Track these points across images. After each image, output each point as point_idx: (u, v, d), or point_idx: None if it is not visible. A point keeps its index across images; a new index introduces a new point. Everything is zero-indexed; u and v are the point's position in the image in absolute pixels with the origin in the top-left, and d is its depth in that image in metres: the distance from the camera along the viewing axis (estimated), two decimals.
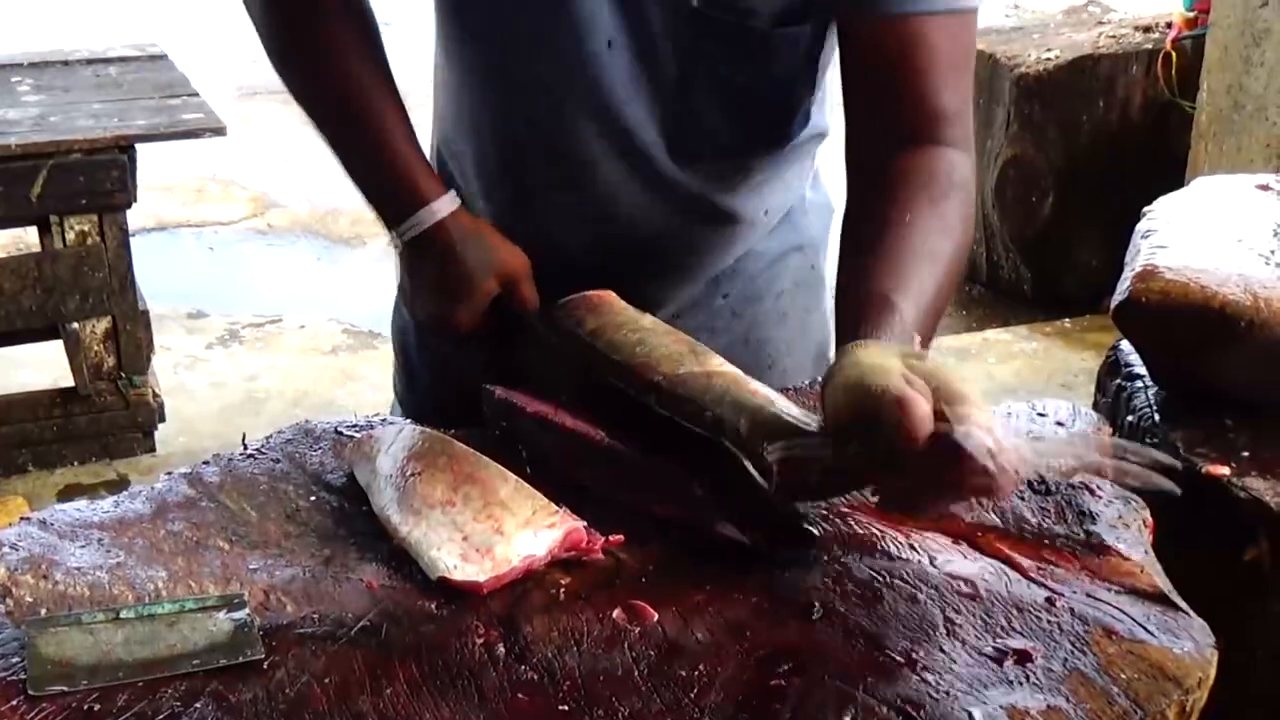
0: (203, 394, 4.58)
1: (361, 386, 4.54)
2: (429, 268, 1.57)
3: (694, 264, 1.67)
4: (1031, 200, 5.23)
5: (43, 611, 1.18)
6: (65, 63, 4.10)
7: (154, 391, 3.83)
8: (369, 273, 5.54)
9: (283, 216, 6.24)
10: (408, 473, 1.32)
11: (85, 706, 1.06)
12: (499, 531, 1.23)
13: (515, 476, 1.29)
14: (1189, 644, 1.18)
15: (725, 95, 1.54)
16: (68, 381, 3.87)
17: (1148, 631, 1.19)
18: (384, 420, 1.53)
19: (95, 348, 3.71)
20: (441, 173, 1.68)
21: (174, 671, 1.09)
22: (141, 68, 4.11)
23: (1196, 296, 1.56)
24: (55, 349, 3.94)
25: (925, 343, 1.31)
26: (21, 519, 1.35)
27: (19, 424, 3.72)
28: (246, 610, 1.16)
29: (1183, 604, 1.23)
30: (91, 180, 3.52)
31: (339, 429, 1.51)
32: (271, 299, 5.34)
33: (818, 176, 1.79)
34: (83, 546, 1.30)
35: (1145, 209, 1.82)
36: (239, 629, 1.14)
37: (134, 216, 6.06)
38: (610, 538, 1.27)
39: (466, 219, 1.57)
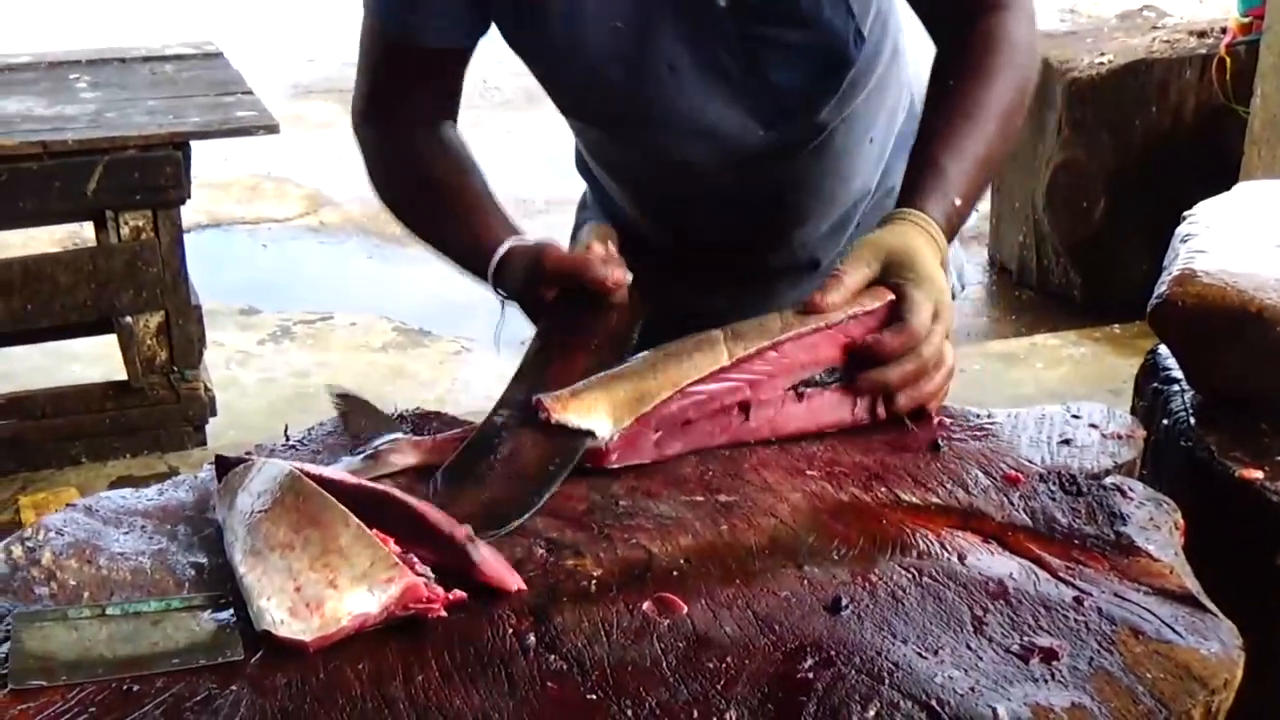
0: (254, 389, 4.63)
1: (411, 384, 4.58)
2: (510, 285, 1.67)
3: (823, 208, 1.83)
4: (1082, 205, 5.21)
5: (85, 596, 1.21)
6: (123, 60, 4.15)
7: (205, 385, 3.88)
8: (419, 271, 5.57)
9: (335, 214, 6.29)
10: (256, 510, 1.25)
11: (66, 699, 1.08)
12: (333, 585, 1.15)
13: (358, 522, 1.20)
14: (1216, 645, 1.18)
15: (790, 58, 1.67)
16: (121, 375, 3.92)
17: (1175, 632, 1.19)
18: (273, 450, 1.51)
19: (148, 342, 3.76)
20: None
21: (153, 670, 1.11)
22: (197, 66, 4.16)
23: (1233, 300, 1.56)
24: (109, 343, 3.99)
25: (970, 195, 1.59)
26: (68, 505, 1.38)
27: (72, 416, 3.78)
28: (230, 611, 1.18)
29: (1211, 606, 1.23)
30: (146, 176, 3.57)
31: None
32: (323, 296, 5.39)
33: (911, 110, 1.90)
34: (126, 533, 1.33)
35: (1186, 213, 1.82)
36: (221, 629, 1.16)
37: (189, 213, 6.14)
38: (453, 593, 1.19)
39: (519, 247, 1.66)
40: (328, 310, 5.22)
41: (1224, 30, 5.00)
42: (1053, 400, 1.58)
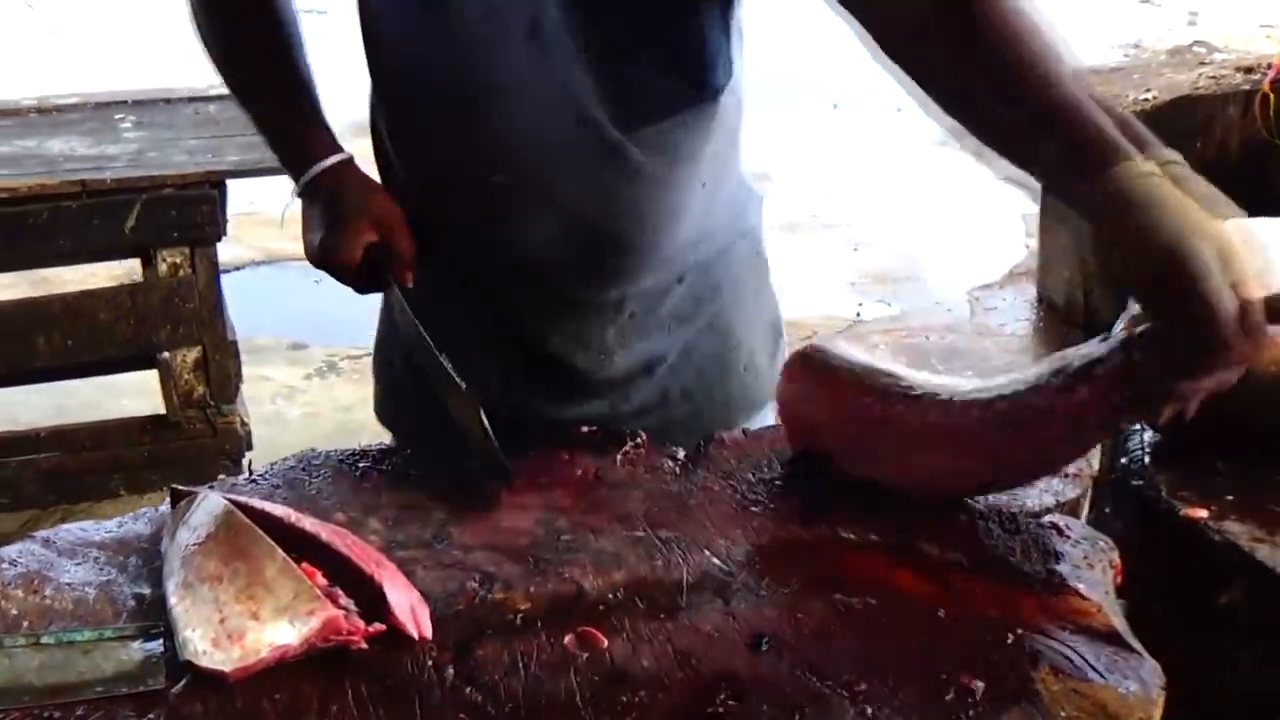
0: (297, 424, 4.69)
1: None
2: (317, 209, 1.70)
3: (647, 243, 1.71)
4: None
5: (25, 625, 1.25)
6: (168, 100, 4.22)
7: (241, 420, 3.93)
8: None
9: None
10: (190, 543, 1.28)
11: None
12: (255, 616, 1.18)
13: (284, 556, 1.23)
14: (1135, 685, 1.19)
15: (650, 51, 1.60)
16: (164, 409, 3.98)
17: (1095, 671, 1.20)
18: (234, 484, 1.54)
19: (185, 376, 3.82)
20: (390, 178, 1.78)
21: (77, 697, 1.14)
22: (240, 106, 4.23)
23: None
24: (155, 377, 4.06)
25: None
26: (28, 536, 1.42)
27: (112, 449, 3.84)
28: (160, 641, 1.21)
29: (1136, 645, 1.24)
30: (183, 214, 3.63)
31: (340, 458, 1.57)
32: (371, 332, 5.43)
33: (742, 166, 1.84)
34: (79, 564, 1.37)
35: None
36: (148, 659, 1.19)
37: (242, 250, 6.27)
38: (372, 626, 1.21)
39: (352, 172, 1.71)
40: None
41: (1269, 66, 4.96)
42: None
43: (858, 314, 5.66)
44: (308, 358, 5.25)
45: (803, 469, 1.50)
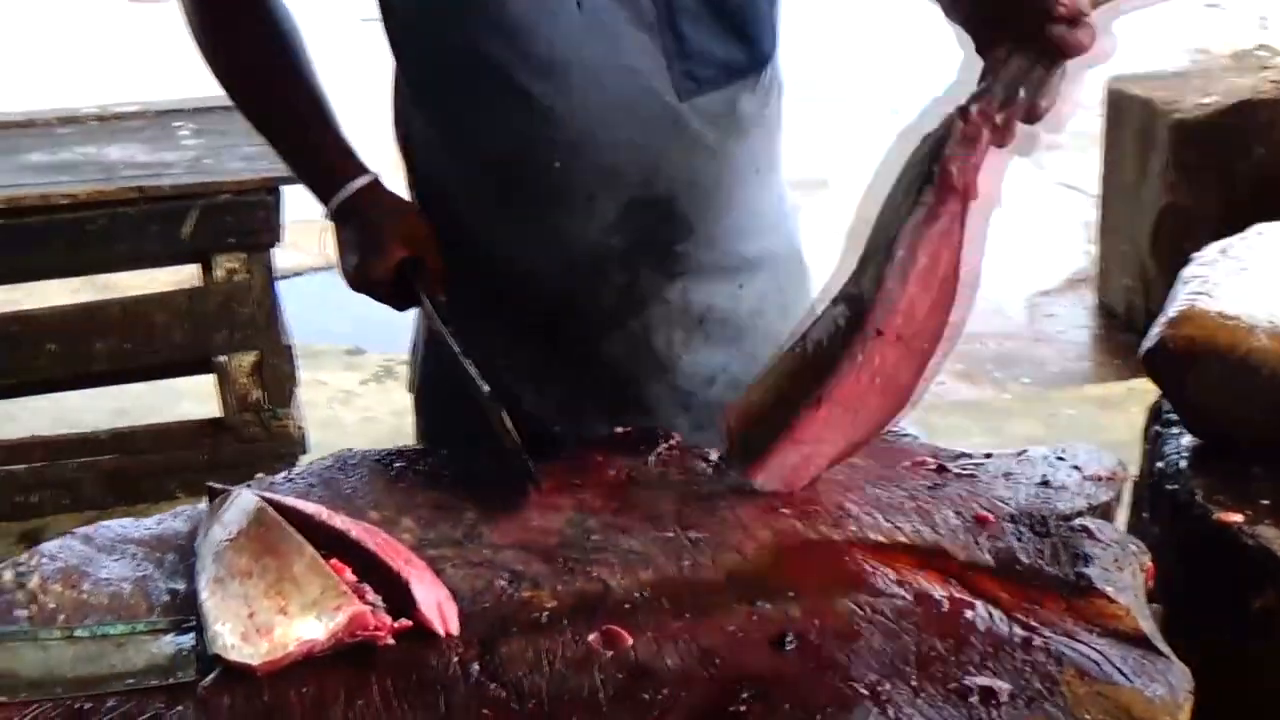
0: (353, 428, 4.72)
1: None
2: (350, 233, 1.73)
3: (704, 222, 1.71)
4: (1188, 248, 5.11)
5: (61, 618, 1.27)
6: (226, 108, 4.25)
7: (297, 423, 3.97)
8: None
9: None
10: (223, 540, 1.30)
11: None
12: (283, 611, 1.19)
13: (314, 552, 1.25)
14: (1162, 688, 1.18)
15: (704, 10, 1.62)
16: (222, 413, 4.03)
17: (1122, 674, 1.19)
18: (272, 483, 1.56)
19: (242, 380, 3.86)
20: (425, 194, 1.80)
21: (108, 689, 1.16)
22: None
23: (1223, 343, 1.55)
24: (213, 382, 4.11)
25: None
26: (69, 533, 1.45)
27: (170, 452, 3.89)
28: (192, 635, 1.23)
29: (1165, 649, 1.23)
30: (239, 220, 3.68)
31: (376, 458, 1.59)
32: None
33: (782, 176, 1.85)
34: (117, 560, 1.39)
35: (1195, 254, 1.81)
36: (179, 653, 1.21)
37: (301, 255, 6.31)
38: (398, 622, 1.23)
39: (383, 192, 1.74)
40: None
41: None
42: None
43: None
44: (364, 363, 5.30)
45: None
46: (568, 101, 1.62)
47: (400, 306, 1.76)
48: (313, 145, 1.76)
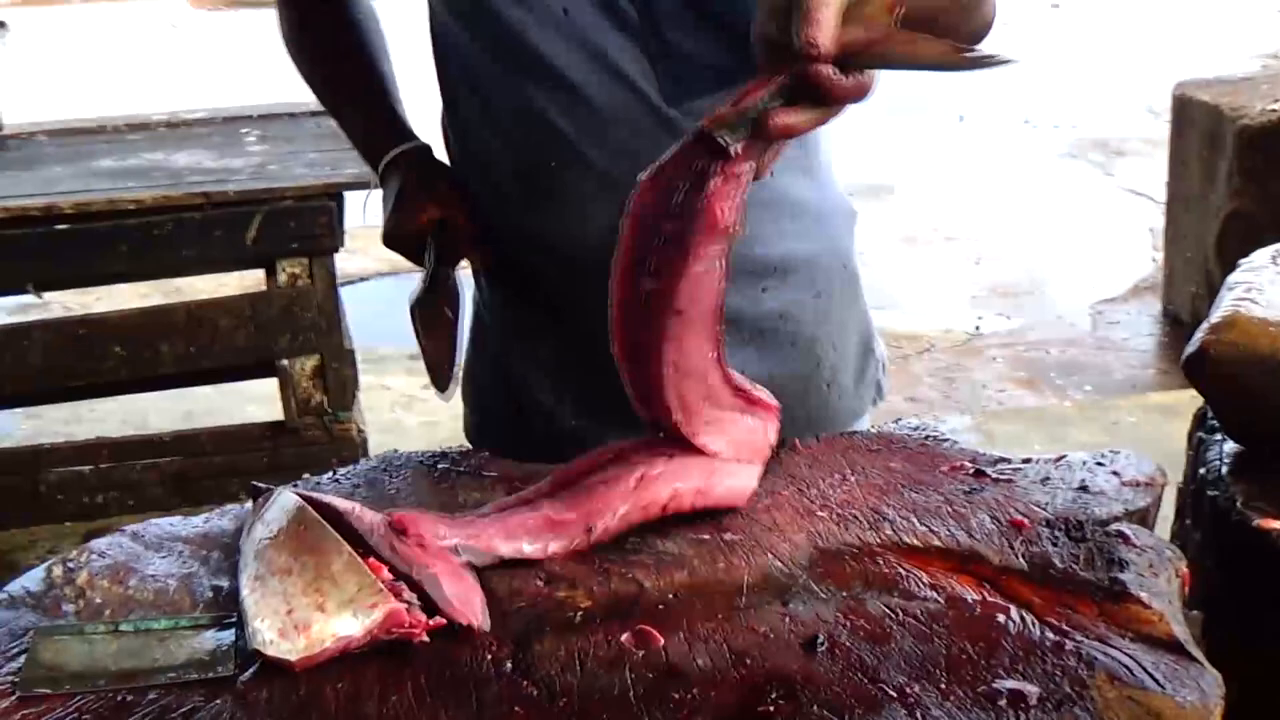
0: (415, 432, 4.77)
1: None
2: (389, 190, 1.80)
3: None
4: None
5: (107, 613, 1.30)
6: (292, 115, 4.34)
7: (358, 426, 4.02)
8: None
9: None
10: (264, 538, 1.33)
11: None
12: (321, 609, 1.22)
13: (350, 550, 1.27)
14: (1194, 695, 1.18)
15: (687, 14, 1.62)
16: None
17: (1153, 679, 1.19)
18: (318, 483, 1.59)
19: (304, 384, 3.92)
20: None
21: (148, 682, 1.19)
22: None
23: (1264, 349, 1.55)
24: (277, 385, 4.17)
25: None
26: (119, 530, 1.48)
27: (232, 455, 3.95)
28: (232, 631, 1.25)
29: (1198, 654, 1.23)
30: (302, 225, 3.73)
31: (420, 459, 1.61)
32: None
33: (831, 180, 1.83)
34: (164, 557, 1.42)
35: (1241, 260, 1.80)
36: (218, 648, 1.23)
37: (367, 261, 6.39)
38: (433, 620, 1.24)
39: (420, 155, 1.81)
40: None
41: None
42: None
43: (976, 327, 5.62)
44: None
45: None
46: (559, 106, 1.66)
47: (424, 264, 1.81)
48: (372, 116, 1.85)
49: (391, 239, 1.80)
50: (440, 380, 1.80)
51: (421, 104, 1.95)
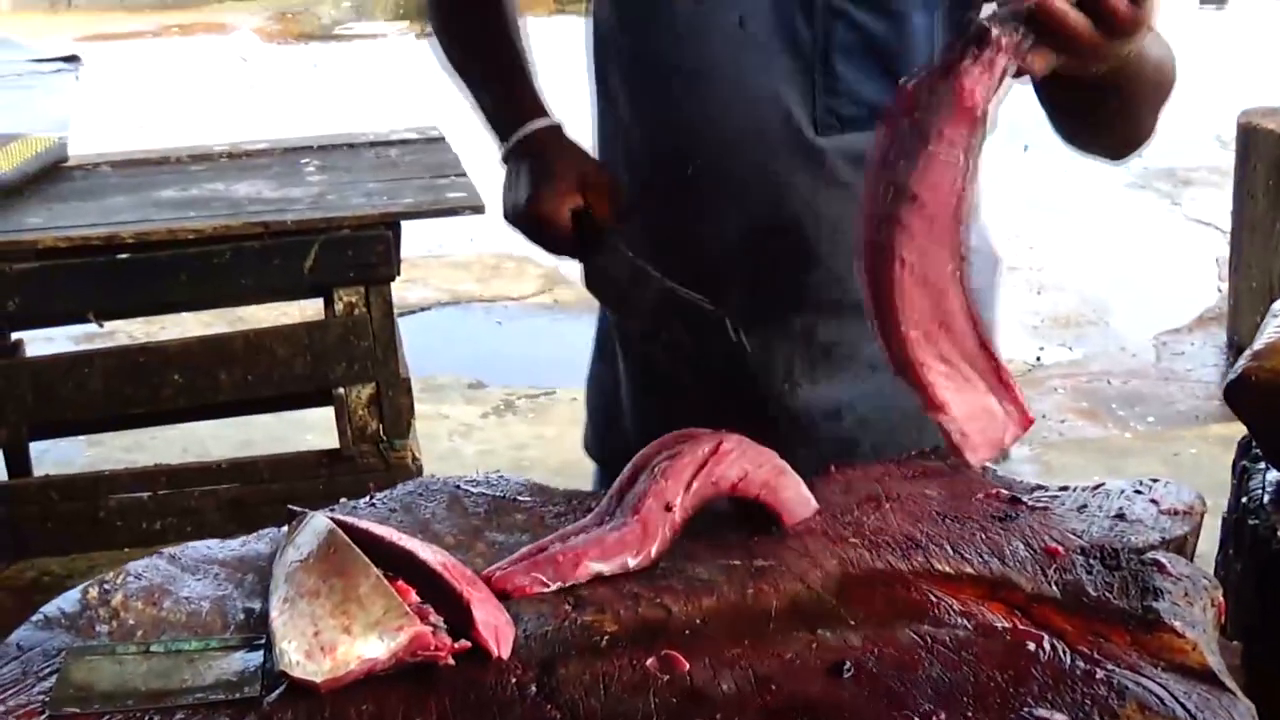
0: (472, 461, 4.79)
1: None
2: (523, 168, 1.76)
3: (830, 257, 1.70)
4: None
5: (139, 635, 1.31)
6: (351, 146, 4.37)
7: (414, 454, 4.02)
8: None
9: (569, 293, 6.46)
10: (294, 560, 1.34)
11: None
12: (347, 631, 1.22)
13: (378, 572, 1.27)
14: None
15: (861, 50, 1.63)
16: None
17: (1184, 709, 1.17)
18: (355, 507, 1.61)
19: (360, 412, 3.93)
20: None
21: (176, 703, 1.20)
22: (419, 150, 4.36)
23: None
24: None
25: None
26: (156, 553, 1.50)
27: (289, 481, 3.96)
28: (261, 652, 1.26)
29: (1231, 684, 1.21)
30: (359, 254, 3.74)
31: (456, 485, 1.62)
32: (549, 371, 5.54)
33: (983, 223, 1.83)
34: (200, 579, 1.43)
35: None
36: (246, 669, 1.24)
37: (428, 291, 6.43)
38: (458, 643, 1.24)
39: (560, 136, 1.79)
40: (551, 386, 5.37)
41: None
42: None
43: (1038, 358, 5.57)
44: (486, 397, 5.37)
45: None
46: (709, 113, 1.68)
47: (561, 252, 1.79)
48: (505, 92, 1.83)
49: (526, 220, 1.75)
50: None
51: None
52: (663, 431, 1.52)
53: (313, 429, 4.70)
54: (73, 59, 5.76)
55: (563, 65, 2.02)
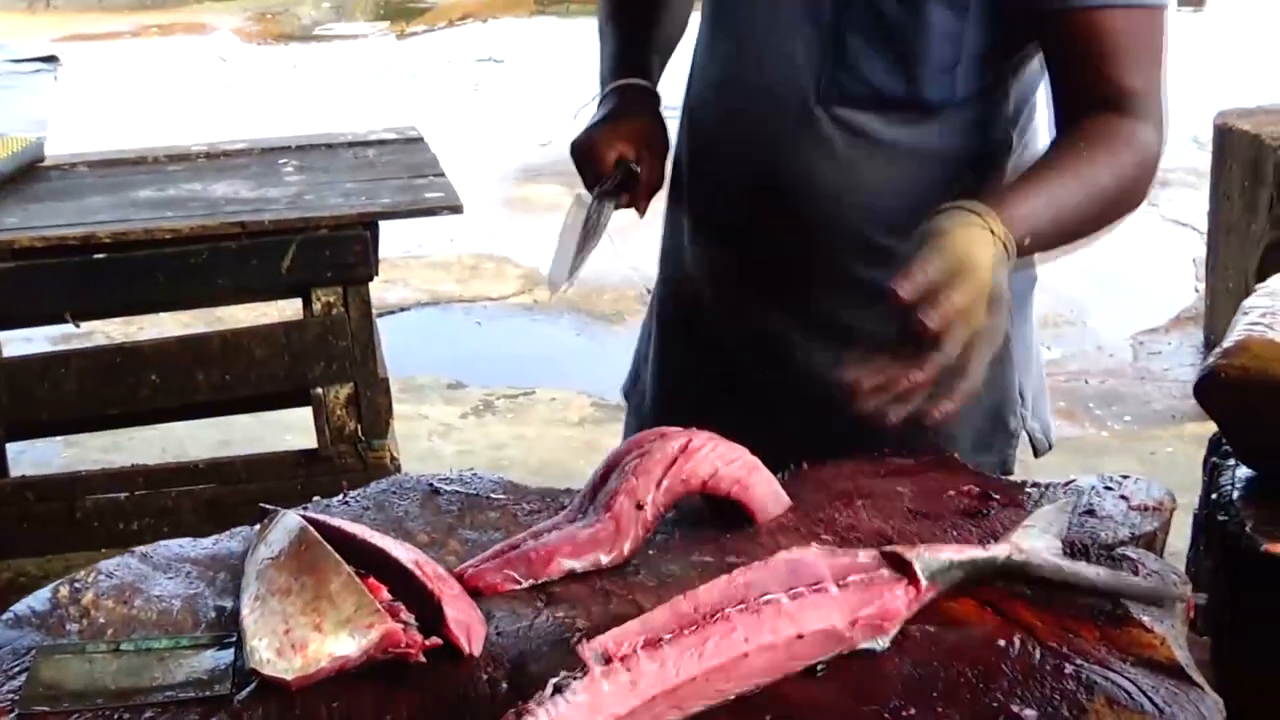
0: (451, 461, 4.78)
1: (601, 457, 4.66)
2: (601, 109, 1.89)
3: (824, 229, 1.75)
4: None
5: (109, 633, 1.31)
6: (329, 146, 4.36)
7: (392, 455, 4.02)
8: (624, 348, 5.67)
9: (549, 293, 6.46)
10: (266, 558, 1.34)
11: None
12: (318, 628, 1.22)
13: (349, 570, 1.28)
14: (1193, 719, 1.17)
15: (873, 30, 1.66)
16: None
17: (1152, 703, 1.18)
18: (328, 505, 1.64)
19: (338, 412, 3.93)
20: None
21: (146, 700, 1.20)
22: (397, 150, 4.35)
23: (1275, 373, 1.53)
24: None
25: (1037, 243, 1.53)
26: (128, 551, 1.49)
27: (266, 482, 3.95)
28: (232, 650, 1.26)
29: (1199, 679, 1.22)
30: (336, 254, 3.74)
31: (430, 483, 1.62)
32: (528, 371, 5.53)
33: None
34: (171, 578, 1.43)
35: (1258, 285, 1.79)
36: (216, 666, 1.24)
37: (407, 291, 6.42)
38: (429, 640, 1.25)
39: (641, 93, 1.90)
40: (530, 385, 5.36)
41: None
42: None
43: None
44: (465, 397, 5.36)
45: None
46: (745, 60, 1.77)
47: (590, 186, 1.87)
48: (623, 50, 1.95)
49: (575, 148, 1.86)
50: (555, 278, 1.91)
51: None
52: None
53: (291, 429, 4.68)
54: (51, 59, 5.75)
55: (545, 64, 2.02)
